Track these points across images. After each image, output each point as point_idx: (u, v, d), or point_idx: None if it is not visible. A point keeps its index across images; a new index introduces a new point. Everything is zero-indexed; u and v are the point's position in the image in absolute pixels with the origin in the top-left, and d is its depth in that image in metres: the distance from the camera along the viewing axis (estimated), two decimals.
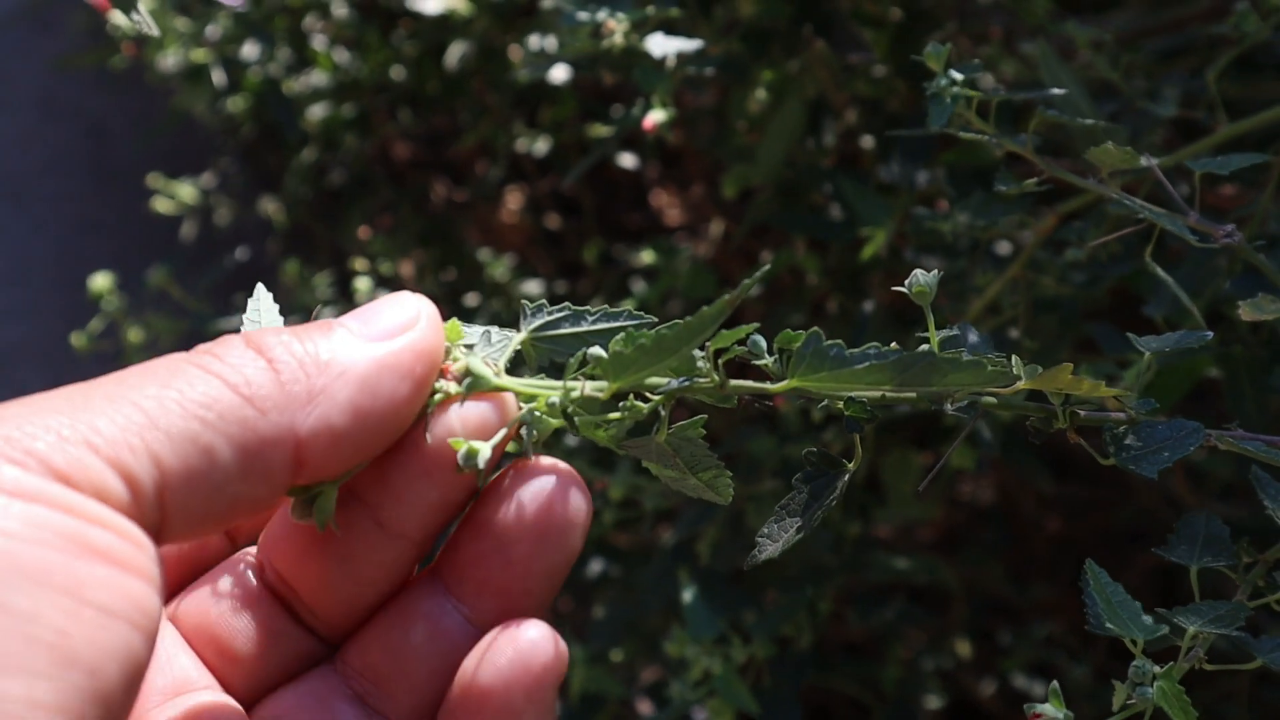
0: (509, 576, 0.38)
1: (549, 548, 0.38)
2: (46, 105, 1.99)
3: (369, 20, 1.25)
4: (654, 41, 0.72)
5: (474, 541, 0.39)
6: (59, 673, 0.29)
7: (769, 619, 0.86)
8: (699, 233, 1.54)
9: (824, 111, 0.91)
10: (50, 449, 0.31)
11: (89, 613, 0.29)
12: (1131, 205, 0.55)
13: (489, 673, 0.36)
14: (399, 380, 0.36)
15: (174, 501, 0.33)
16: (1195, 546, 0.51)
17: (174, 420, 0.32)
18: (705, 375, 0.41)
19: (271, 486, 0.35)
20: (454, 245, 1.26)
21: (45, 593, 0.29)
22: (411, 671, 0.39)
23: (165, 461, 0.32)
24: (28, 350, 1.80)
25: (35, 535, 0.30)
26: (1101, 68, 0.74)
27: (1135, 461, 0.46)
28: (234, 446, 0.33)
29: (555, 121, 1.23)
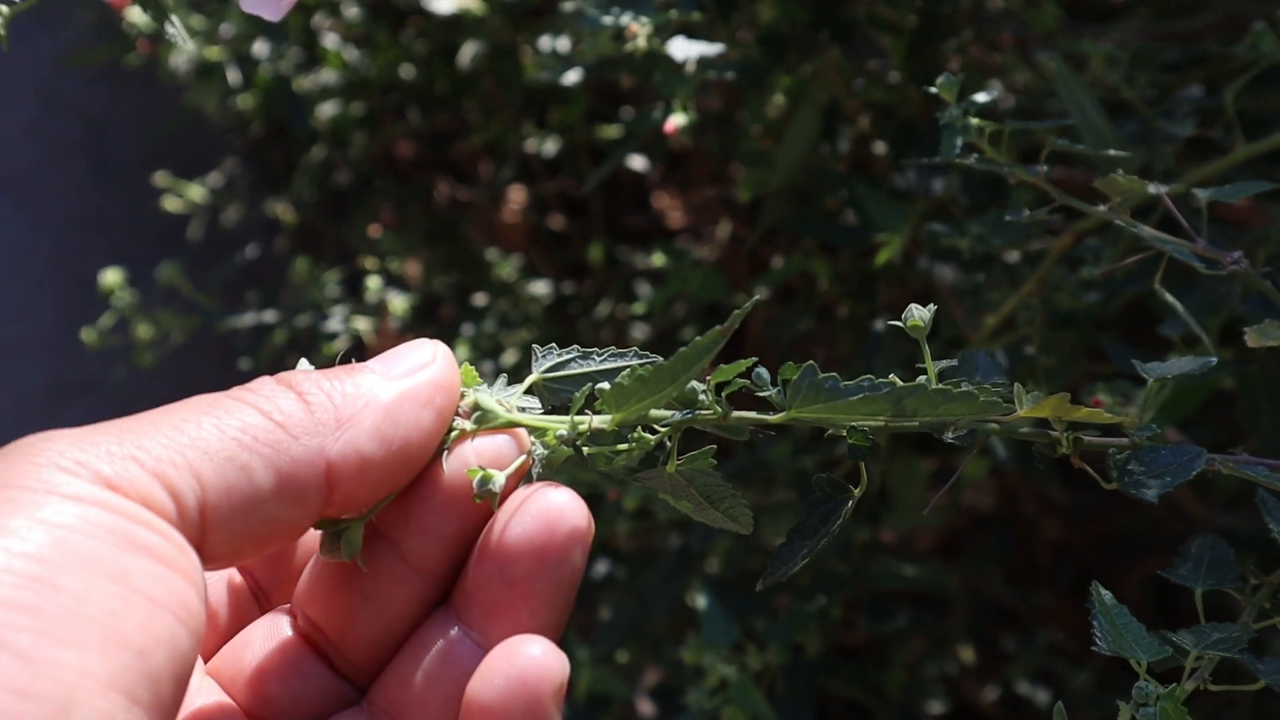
0: (512, 597, 0.39)
1: (549, 566, 0.39)
2: (47, 100, 1.99)
3: (379, 19, 1.26)
4: (676, 45, 0.73)
5: (478, 566, 0.40)
6: (110, 650, 0.30)
7: (784, 626, 0.86)
8: (702, 235, 1.54)
9: (838, 117, 0.91)
10: (99, 460, 0.33)
11: (137, 599, 0.31)
12: (1140, 233, 0.56)
13: (488, 690, 0.37)
14: (420, 409, 0.38)
15: (214, 517, 0.35)
16: (1200, 569, 0.51)
17: (213, 442, 0.35)
18: (708, 407, 0.42)
19: (304, 509, 0.37)
20: (460, 245, 1.26)
21: (96, 578, 0.31)
22: (427, 701, 0.40)
23: (205, 477, 0.34)
24: (27, 346, 1.79)
25: (87, 529, 0.31)
26: (1117, 84, 0.74)
27: (1136, 486, 0.47)
28: (269, 466, 0.35)
29: (564, 122, 1.23)
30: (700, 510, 0.44)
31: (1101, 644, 0.47)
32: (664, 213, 1.63)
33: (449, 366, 0.40)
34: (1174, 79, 0.82)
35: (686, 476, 0.43)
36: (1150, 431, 0.47)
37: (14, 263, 1.87)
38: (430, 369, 0.39)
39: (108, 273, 1.10)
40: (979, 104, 0.60)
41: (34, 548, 0.31)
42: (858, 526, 0.97)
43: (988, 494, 1.36)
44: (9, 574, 0.30)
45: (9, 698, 0.29)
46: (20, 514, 0.31)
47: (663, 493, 0.44)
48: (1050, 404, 0.44)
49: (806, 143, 0.86)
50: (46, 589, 0.30)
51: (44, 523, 0.31)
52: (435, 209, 1.45)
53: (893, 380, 0.41)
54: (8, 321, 1.82)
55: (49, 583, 0.30)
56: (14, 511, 0.31)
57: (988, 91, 0.60)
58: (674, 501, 0.44)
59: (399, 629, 0.41)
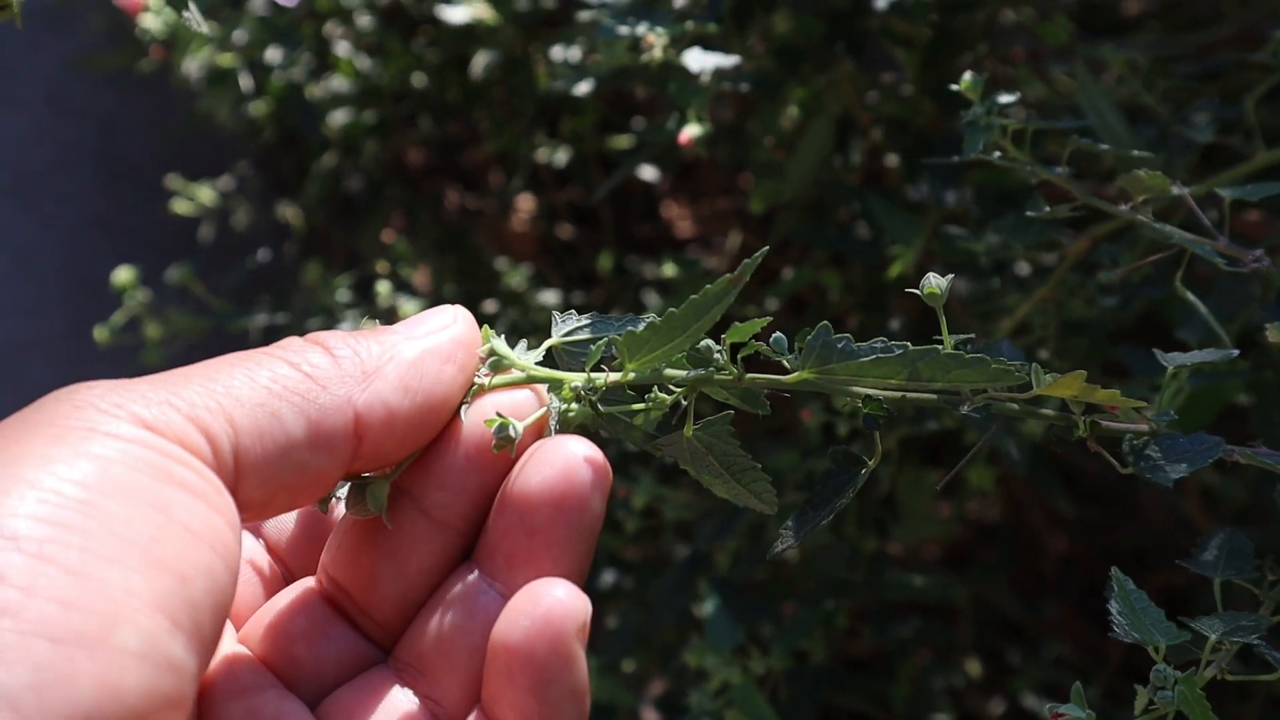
0: (533, 545, 0.40)
1: (569, 512, 0.40)
2: (56, 102, 1.99)
3: (391, 27, 1.26)
4: (692, 56, 0.73)
5: (499, 517, 0.41)
6: (152, 572, 0.32)
7: (788, 632, 0.86)
8: (712, 245, 1.54)
9: (851, 129, 0.91)
10: (137, 403, 0.34)
11: (177, 528, 0.33)
12: (1162, 231, 0.56)
13: (514, 632, 0.38)
14: (443, 363, 0.40)
15: (247, 461, 0.36)
16: (1219, 559, 0.51)
17: (245, 390, 0.36)
18: (724, 367, 0.42)
19: (333, 458, 0.38)
20: (470, 253, 1.26)
21: (138, 506, 0.32)
22: (453, 652, 0.41)
23: (239, 422, 0.36)
24: (35, 347, 1.79)
25: (128, 461, 0.33)
26: (1136, 90, 0.74)
27: (1153, 471, 0.47)
28: (299, 413, 0.37)
29: (576, 132, 1.24)
30: (723, 483, 0.44)
31: (1120, 630, 0.47)
32: (673, 222, 1.63)
33: (470, 327, 0.41)
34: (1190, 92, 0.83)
35: (705, 443, 0.43)
36: (1169, 418, 0.47)
37: (23, 264, 1.88)
38: (452, 329, 0.41)
39: (120, 271, 1.11)
40: (1003, 103, 0.60)
41: (79, 474, 0.32)
42: (865, 536, 0.97)
43: (994, 505, 1.36)
44: (57, 496, 0.31)
45: (58, 609, 0.30)
46: (64, 445, 0.32)
47: (683, 462, 0.44)
48: (1069, 382, 0.43)
49: (819, 155, 0.86)
50: (93, 511, 0.31)
51: (87, 454, 0.32)
52: (445, 217, 1.45)
53: (905, 344, 0.41)
54: (17, 323, 1.83)
55: (95, 506, 0.31)
56: (59, 443, 0.33)
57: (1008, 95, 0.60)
58: (694, 472, 0.44)
59: (423, 585, 0.42)
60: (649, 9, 0.72)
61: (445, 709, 0.41)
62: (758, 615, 0.86)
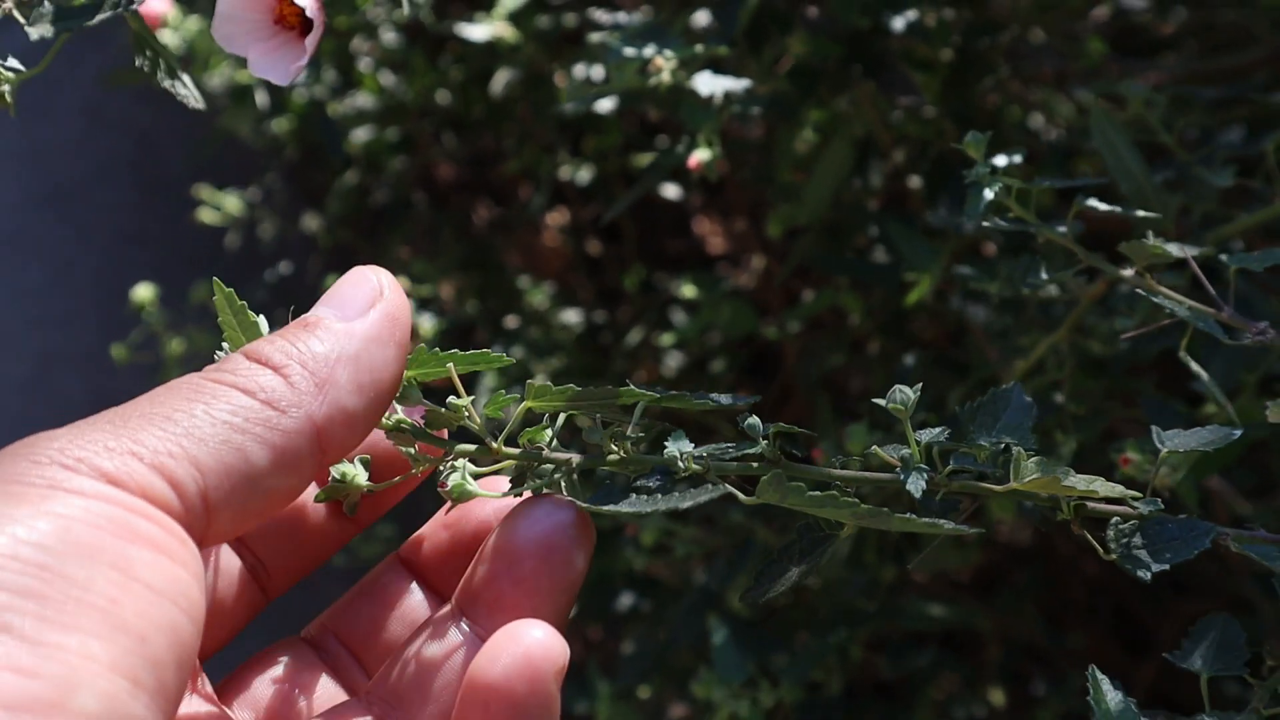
0: (518, 594, 0.42)
1: (554, 566, 0.42)
2: (94, 115, 2.01)
3: (415, 44, 1.25)
4: (701, 80, 0.72)
5: (485, 566, 0.42)
6: (111, 634, 0.32)
7: (798, 663, 0.85)
8: (741, 263, 1.53)
9: (871, 152, 0.90)
10: (99, 456, 0.34)
11: (137, 587, 0.33)
12: (1165, 302, 0.55)
13: (492, 669, 0.39)
14: (384, 348, 0.40)
15: (216, 500, 0.36)
16: (1209, 653, 0.50)
17: (206, 428, 0.36)
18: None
19: (300, 475, 0.38)
20: (494, 271, 1.26)
21: (98, 566, 0.32)
22: (429, 690, 0.42)
23: (204, 464, 0.36)
24: (69, 357, 1.81)
25: (89, 519, 0.33)
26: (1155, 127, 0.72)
27: (1134, 563, 0.46)
28: (263, 444, 0.37)
29: (599, 150, 1.23)
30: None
31: None
32: (705, 238, 1.62)
33: (396, 294, 0.42)
34: (1216, 119, 0.81)
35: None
36: (1154, 505, 0.47)
37: (59, 275, 1.89)
38: (381, 304, 0.41)
39: (140, 288, 1.11)
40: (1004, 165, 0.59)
41: (38, 536, 0.32)
42: (884, 565, 0.95)
43: (1025, 528, 1.34)
44: (15, 560, 0.31)
45: (14, 677, 0.30)
46: (25, 505, 0.32)
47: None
48: (1045, 483, 0.44)
49: (837, 178, 0.85)
50: (50, 576, 0.31)
51: (49, 514, 0.32)
52: (473, 232, 1.45)
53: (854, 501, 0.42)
54: (52, 332, 1.84)
55: (53, 570, 0.31)
56: (19, 503, 0.32)
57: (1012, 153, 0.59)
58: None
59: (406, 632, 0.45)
60: (659, 31, 0.71)
61: None
62: (769, 647, 0.85)
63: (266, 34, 0.54)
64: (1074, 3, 0.93)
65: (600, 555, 1.03)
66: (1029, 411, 0.50)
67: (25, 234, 1.92)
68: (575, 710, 1.01)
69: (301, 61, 0.53)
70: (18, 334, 1.84)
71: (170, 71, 0.55)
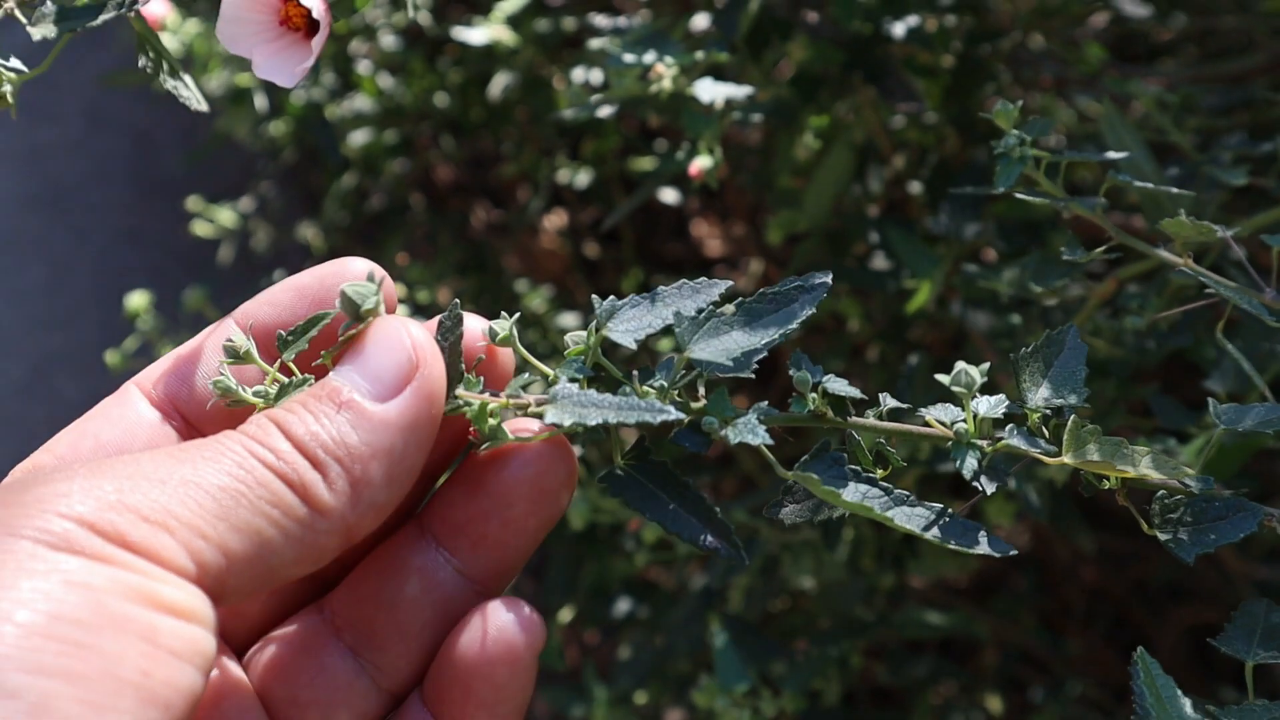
0: (506, 534, 0.42)
1: (542, 507, 0.43)
2: (93, 116, 2.01)
3: (414, 47, 1.25)
4: (702, 87, 0.71)
5: (472, 501, 0.43)
6: (142, 710, 0.33)
7: (799, 672, 0.84)
8: (739, 266, 1.52)
9: (871, 158, 0.90)
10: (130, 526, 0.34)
11: (163, 656, 0.33)
12: (1205, 280, 0.54)
13: (473, 650, 0.41)
14: (417, 433, 0.39)
15: (233, 581, 0.36)
16: (1253, 638, 0.48)
17: (242, 516, 0.36)
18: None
19: (321, 563, 0.39)
20: (492, 274, 1.25)
21: (128, 638, 0.33)
22: (405, 622, 0.43)
23: (234, 552, 0.36)
24: (66, 359, 1.80)
25: (118, 590, 0.33)
26: (1166, 128, 0.72)
27: (1177, 542, 0.45)
28: (292, 541, 0.37)
29: (597, 154, 1.23)
30: None
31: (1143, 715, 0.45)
32: (702, 241, 1.62)
33: (431, 363, 0.40)
34: (1219, 123, 0.81)
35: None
36: (1206, 484, 0.45)
37: (57, 276, 1.89)
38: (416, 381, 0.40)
39: (133, 295, 1.10)
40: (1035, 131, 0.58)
41: (73, 611, 0.32)
42: (883, 572, 0.95)
43: (1022, 534, 1.33)
44: (52, 641, 0.32)
45: None
46: (51, 576, 0.33)
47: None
48: (1097, 466, 0.44)
49: (837, 184, 0.85)
50: (87, 654, 0.32)
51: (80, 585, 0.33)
52: (471, 234, 1.45)
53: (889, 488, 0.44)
54: (50, 333, 1.84)
55: (89, 648, 0.32)
56: (48, 569, 0.33)
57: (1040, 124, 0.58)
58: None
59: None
60: (660, 38, 0.71)
61: (387, 677, 0.43)
62: (770, 655, 0.84)
63: (272, 35, 0.54)
64: (1074, 9, 0.92)
65: (598, 560, 1.02)
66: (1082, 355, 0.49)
67: (23, 235, 1.92)
68: (572, 715, 1.00)
69: (307, 63, 0.53)
70: (15, 335, 1.83)
71: (173, 72, 0.55)
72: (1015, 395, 0.48)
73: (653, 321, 0.44)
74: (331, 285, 0.44)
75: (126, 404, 0.45)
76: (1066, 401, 0.47)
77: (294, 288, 0.45)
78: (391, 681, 0.43)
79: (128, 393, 0.45)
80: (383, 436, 0.39)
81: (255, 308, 0.45)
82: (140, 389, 0.45)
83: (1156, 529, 0.46)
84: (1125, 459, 0.44)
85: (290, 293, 0.45)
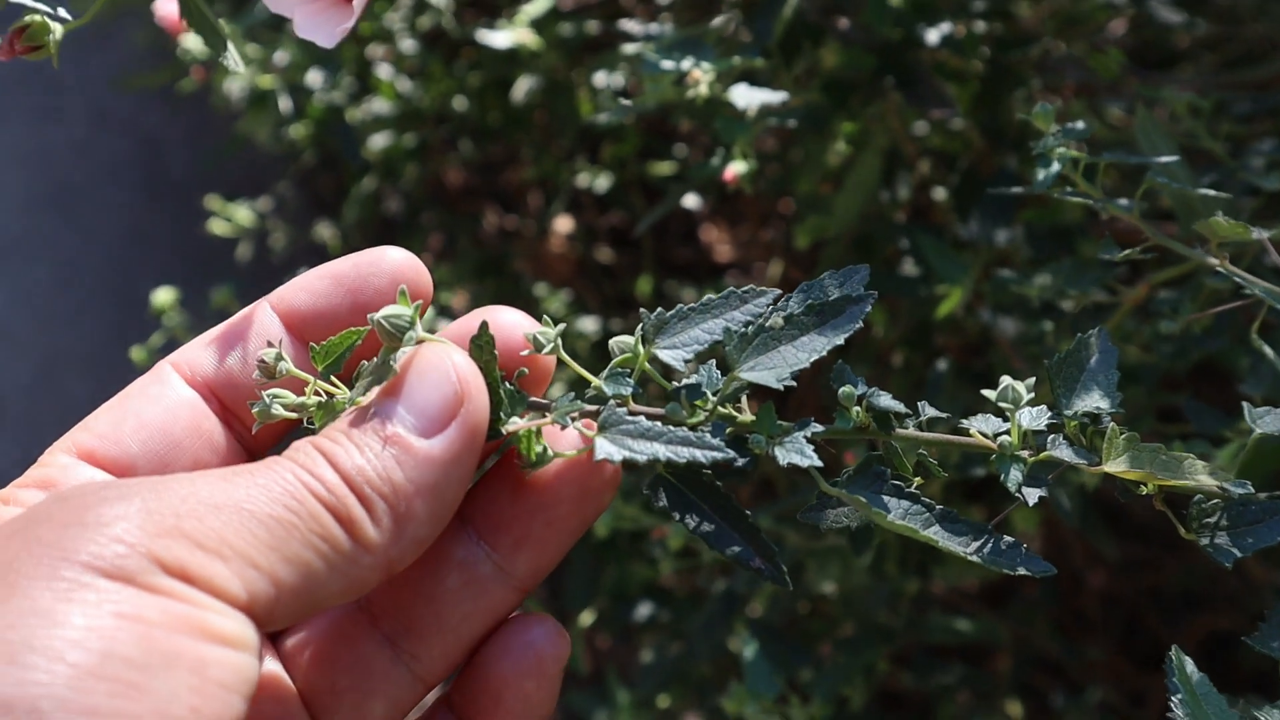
0: (549, 533, 0.43)
1: (585, 507, 0.43)
2: (101, 117, 2.00)
3: (433, 50, 1.25)
4: (738, 92, 0.71)
5: (517, 500, 0.43)
6: None
7: (828, 678, 0.84)
8: (751, 271, 1.52)
9: (898, 163, 0.90)
10: (188, 555, 0.35)
11: (211, 688, 0.33)
12: (1241, 281, 0.54)
13: (505, 663, 0.42)
14: (460, 467, 0.40)
15: (280, 611, 0.37)
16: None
17: (293, 546, 0.36)
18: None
19: (363, 591, 0.39)
20: (509, 279, 1.25)
21: (178, 673, 0.33)
22: (444, 615, 0.43)
23: (282, 581, 0.36)
24: (74, 357, 1.80)
25: (168, 623, 0.33)
26: (1199, 133, 0.72)
27: (1215, 547, 0.45)
28: (337, 573, 0.37)
29: (616, 158, 1.22)
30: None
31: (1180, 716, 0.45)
32: (712, 246, 1.62)
33: (476, 398, 0.40)
34: (1248, 129, 0.81)
35: None
36: (1243, 488, 0.45)
37: (64, 275, 1.88)
38: (462, 416, 0.40)
39: (160, 292, 1.10)
40: (1075, 132, 0.58)
41: (124, 649, 0.32)
42: (907, 578, 0.95)
43: (1036, 539, 1.34)
44: (104, 681, 0.32)
45: None
46: (106, 605, 0.33)
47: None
48: (1135, 475, 0.44)
49: (867, 190, 0.85)
50: (138, 694, 0.32)
51: (131, 619, 0.33)
52: (483, 238, 1.45)
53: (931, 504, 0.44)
54: (57, 332, 1.83)
55: (140, 687, 0.32)
56: (100, 600, 0.33)
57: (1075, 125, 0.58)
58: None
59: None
60: (696, 43, 0.71)
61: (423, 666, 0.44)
62: (798, 661, 0.84)
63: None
64: (1099, 17, 0.92)
65: (618, 566, 1.02)
66: (1113, 359, 0.49)
67: (31, 235, 1.92)
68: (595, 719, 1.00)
69: (349, 24, 0.52)
70: (24, 335, 1.83)
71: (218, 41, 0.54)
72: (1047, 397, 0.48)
73: (700, 336, 0.45)
74: (367, 274, 0.45)
75: (164, 382, 0.45)
76: (1102, 408, 0.47)
77: (330, 275, 0.45)
78: (427, 671, 0.44)
79: (164, 371, 0.45)
80: (427, 473, 0.39)
81: (291, 293, 0.45)
82: (176, 368, 0.45)
83: (1194, 534, 0.46)
84: (1164, 466, 0.44)
85: (326, 280, 0.45)
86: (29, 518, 0.35)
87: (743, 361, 0.44)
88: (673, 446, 0.41)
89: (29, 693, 0.31)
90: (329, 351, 0.42)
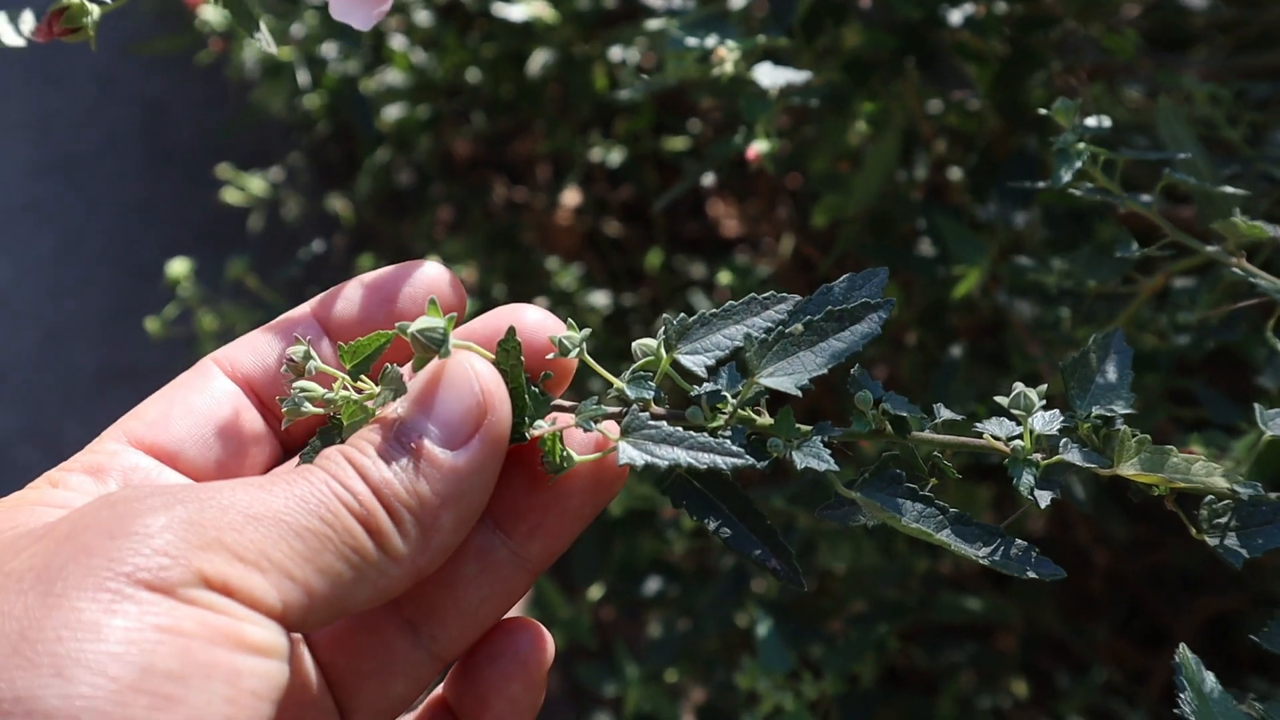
0: (563, 521, 0.45)
1: (598, 495, 0.45)
2: (106, 85, 2.00)
3: (448, 22, 1.25)
4: (762, 71, 0.71)
5: (533, 492, 0.45)
6: None
7: (840, 655, 0.85)
8: (759, 246, 1.52)
9: (915, 143, 0.90)
10: (228, 567, 0.36)
11: (246, 698, 0.35)
12: (1258, 282, 0.54)
13: (491, 669, 0.45)
14: (484, 476, 0.41)
15: (311, 618, 0.38)
16: None
17: (327, 557, 0.38)
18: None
19: (389, 597, 0.41)
20: (520, 252, 1.25)
21: (214, 684, 0.34)
22: (462, 599, 0.45)
23: (314, 590, 0.38)
24: (79, 326, 1.80)
25: (205, 634, 0.35)
26: (1219, 123, 0.72)
27: (1225, 548, 0.46)
28: (365, 582, 0.39)
29: (630, 132, 1.22)
30: None
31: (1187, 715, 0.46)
32: (719, 220, 1.62)
33: (499, 408, 0.42)
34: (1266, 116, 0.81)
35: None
36: (1253, 489, 0.46)
37: (68, 244, 1.88)
38: (485, 428, 0.41)
39: (174, 263, 1.10)
40: (1093, 129, 0.58)
41: (162, 663, 0.34)
42: (917, 556, 0.96)
43: (1037, 519, 1.34)
44: (142, 695, 0.33)
45: None
46: (146, 617, 0.34)
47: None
48: (1147, 478, 0.44)
49: (886, 169, 0.85)
50: (175, 705, 0.33)
51: (169, 632, 0.34)
52: (492, 211, 1.44)
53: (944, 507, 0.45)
54: (61, 301, 1.83)
55: (176, 699, 0.33)
56: (140, 613, 0.34)
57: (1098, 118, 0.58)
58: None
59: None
60: (720, 21, 0.71)
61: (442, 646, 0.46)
62: (808, 638, 0.85)
63: None
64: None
65: (627, 540, 1.03)
66: (1128, 361, 0.50)
67: (36, 204, 1.91)
68: (604, 693, 1.01)
69: (385, 6, 0.52)
70: (28, 303, 1.83)
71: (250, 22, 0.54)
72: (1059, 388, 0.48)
73: (722, 341, 0.46)
74: (403, 285, 0.47)
75: (208, 376, 0.46)
76: (1115, 411, 0.47)
77: (368, 285, 0.47)
78: (445, 650, 0.46)
79: (206, 367, 0.47)
80: (453, 485, 0.40)
81: (332, 299, 0.47)
82: (218, 364, 0.47)
83: (1205, 534, 0.46)
84: (1175, 469, 0.44)
85: (363, 289, 0.47)
86: (78, 522, 0.36)
87: (763, 367, 0.45)
88: (694, 452, 0.43)
89: (73, 705, 0.32)
90: (357, 352, 0.44)
